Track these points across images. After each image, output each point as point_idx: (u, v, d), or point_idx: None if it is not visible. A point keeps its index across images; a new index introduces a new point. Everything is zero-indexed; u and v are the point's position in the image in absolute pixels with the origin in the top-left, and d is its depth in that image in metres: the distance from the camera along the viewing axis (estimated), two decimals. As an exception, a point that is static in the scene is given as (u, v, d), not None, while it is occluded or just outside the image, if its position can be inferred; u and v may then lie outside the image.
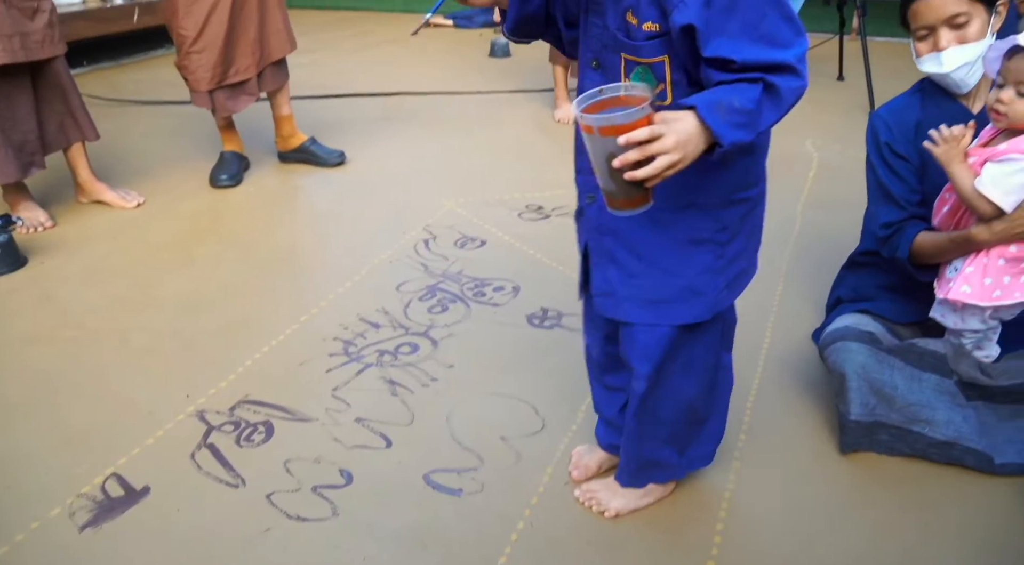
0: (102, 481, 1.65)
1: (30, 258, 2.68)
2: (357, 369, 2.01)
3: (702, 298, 1.28)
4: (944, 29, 1.71)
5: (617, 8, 1.14)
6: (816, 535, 1.50)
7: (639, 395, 1.38)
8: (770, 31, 1.07)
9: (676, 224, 1.24)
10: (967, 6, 1.68)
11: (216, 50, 3.05)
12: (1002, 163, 1.55)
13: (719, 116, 1.04)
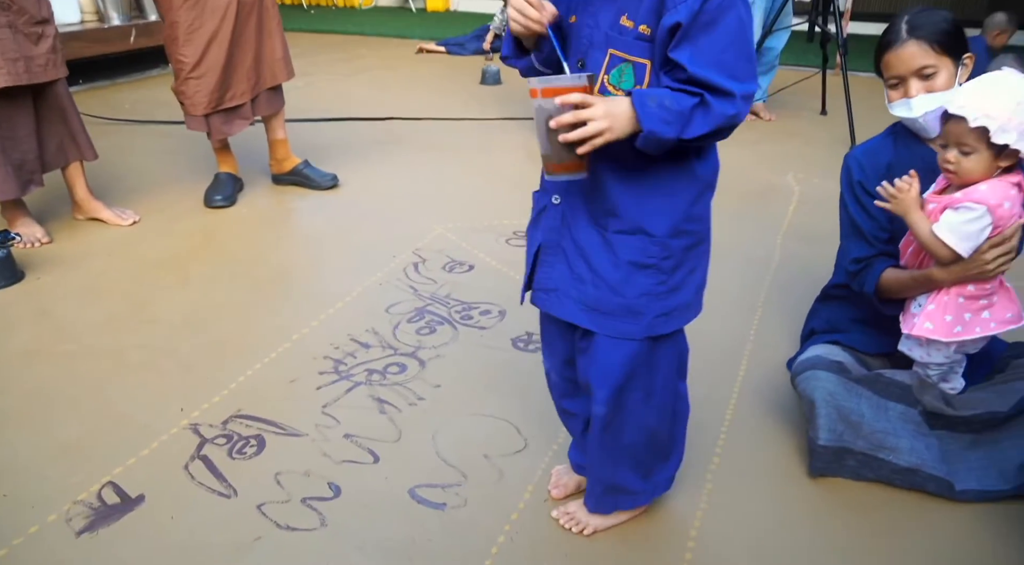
0: (98, 489, 1.71)
1: (27, 273, 2.74)
2: (346, 387, 2.08)
3: (639, 319, 1.35)
4: (914, 79, 1.82)
5: (611, 9, 1.23)
6: (782, 554, 1.57)
7: (600, 419, 1.45)
8: (728, 61, 1.17)
9: (626, 247, 1.32)
10: (935, 59, 1.79)
11: (215, 76, 3.14)
12: (959, 211, 1.65)
13: (648, 105, 1.15)
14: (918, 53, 1.80)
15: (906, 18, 1.84)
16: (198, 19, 3.10)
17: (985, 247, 1.66)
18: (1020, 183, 1.68)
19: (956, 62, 1.81)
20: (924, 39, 1.80)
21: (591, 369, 1.43)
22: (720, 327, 2.38)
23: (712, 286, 1.52)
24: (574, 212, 1.36)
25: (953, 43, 1.81)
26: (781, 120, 5.02)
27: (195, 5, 3.07)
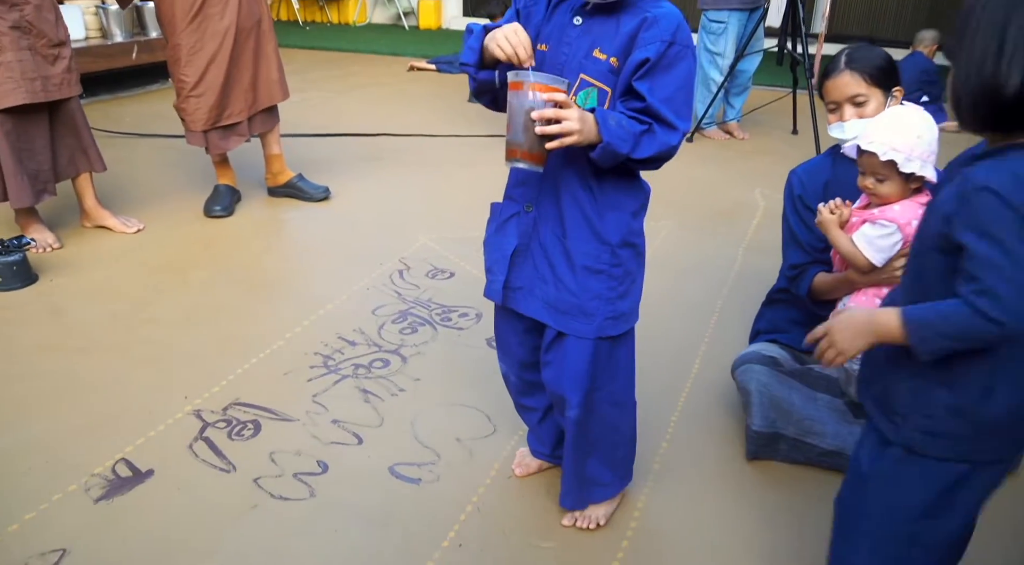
0: (112, 464, 1.93)
1: (40, 276, 2.95)
2: (335, 380, 2.30)
3: (591, 320, 1.56)
4: (848, 105, 2.07)
5: (586, 42, 1.46)
6: (719, 526, 1.79)
7: (573, 422, 1.66)
8: (676, 101, 1.42)
9: (581, 253, 1.54)
10: (867, 89, 2.04)
11: (213, 95, 3.36)
12: (875, 226, 1.89)
13: (610, 123, 1.37)
14: (852, 83, 2.05)
15: (847, 52, 2.10)
16: (199, 42, 3.32)
17: (896, 257, 1.90)
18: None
19: (886, 94, 2.06)
20: (859, 71, 2.05)
21: (563, 380, 1.62)
22: (679, 328, 2.61)
23: (674, 293, 1.76)
24: (543, 219, 1.58)
25: (884, 77, 2.06)
26: (754, 138, 5.28)
27: (196, 29, 3.30)
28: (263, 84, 3.58)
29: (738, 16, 4.98)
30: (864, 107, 2.06)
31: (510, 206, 1.64)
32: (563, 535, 1.75)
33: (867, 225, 1.92)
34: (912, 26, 8.87)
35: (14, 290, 2.84)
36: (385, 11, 10.96)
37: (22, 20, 2.92)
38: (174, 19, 3.29)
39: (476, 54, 1.49)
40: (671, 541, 1.75)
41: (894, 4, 9.00)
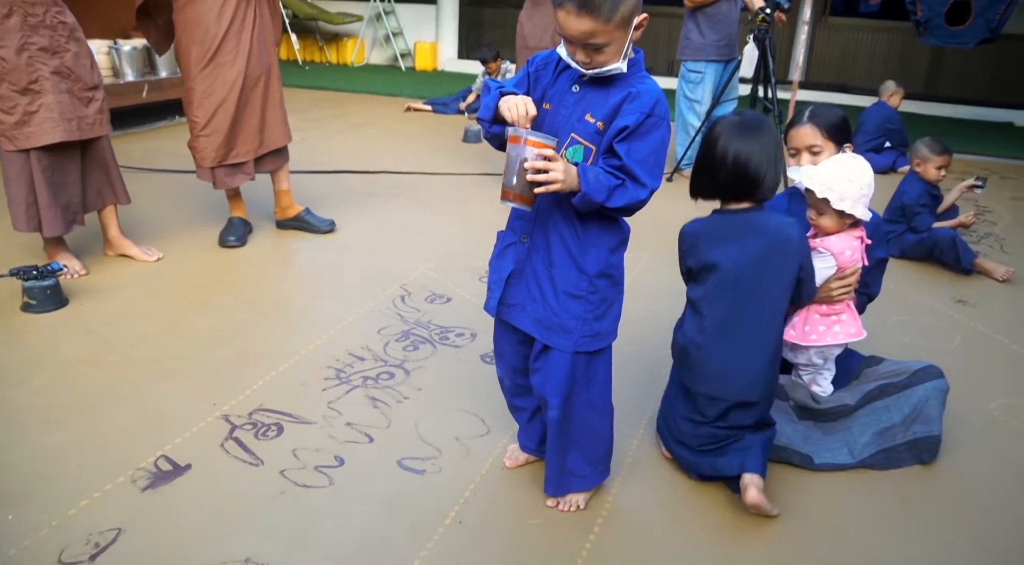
0: (154, 460, 2.20)
1: (70, 299, 3.23)
2: (347, 389, 2.59)
3: (569, 336, 1.87)
4: (805, 153, 2.43)
5: (580, 107, 1.78)
6: (683, 506, 2.09)
7: (554, 421, 1.96)
8: (648, 162, 1.73)
9: (566, 282, 1.85)
10: (822, 141, 2.40)
11: (220, 136, 3.67)
12: (815, 254, 2.22)
13: (589, 175, 1.68)
14: (811, 134, 2.42)
15: (810, 109, 2.46)
16: (210, 87, 3.64)
17: (831, 281, 2.23)
18: (862, 237, 2.27)
19: (839, 147, 2.42)
20: (818, 126, 2.41)
21: (546, 385, 1.93)
22: (652, 343, 2.91)
23: (649, 313, 2.07)
24: (535, 249, 1.89)
25: (838, 133, 2.42)
26: (730, 179, 5.62)
27: (209, 75, 3.61)
28: (270, 127, 3.88)
29: (714, 67, 5.37)
30: (819, 156, 2.42)
31: (510, 235, 1.96)
32: (548, 514, 2.04)
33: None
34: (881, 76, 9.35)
35: (48, 312, 3.11)
36: (382, 52, 11.39)
37: (62, 66, 3.23)
38: (189, 64, 3.61)
39: (491, 112, 1.80)
40: (640, 518, 2.04)
41: (865, 56, 9.47)
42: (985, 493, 2.23)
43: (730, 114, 2.08)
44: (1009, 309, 3.56)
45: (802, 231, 2.08)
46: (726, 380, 2.06)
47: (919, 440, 2.30)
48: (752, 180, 2.00)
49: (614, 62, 1.71)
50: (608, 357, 1.98)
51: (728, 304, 2.05)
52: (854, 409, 2.33)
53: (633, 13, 1.67)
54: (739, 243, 2.04)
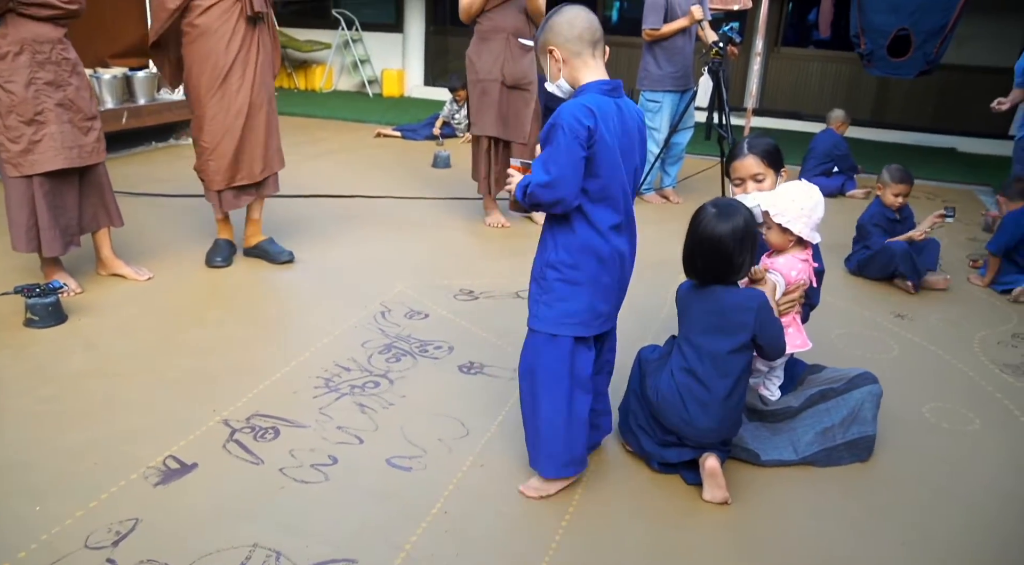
0: (162, 459, 2.41)
1: (69, 316, 3.41)
2: (336, 396, 2.82)
3: (533, 315, 2.27)
4: (750, 181, 2.72)
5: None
6: (646, 492, 2.34)
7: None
8: (543, 160, 2.11)
9: (536, 265, 2.26)
10: (764, 169, 2.69)
11: (226, 160, 3.89)
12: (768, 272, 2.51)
13: (520, 183, 2.17)
14: (754, 164, 2.71)
15: (747, 140, 2.75)
16: (218, 114, 3.85)
17: (779, 297, 2.51)
18: (808, 259, 2.56)
19: (777, 173, 2.70)
20: (758, 155, 2.70)
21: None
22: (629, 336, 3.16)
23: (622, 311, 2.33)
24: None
25: (775, 160, 2.71)
26: (688, 203, 5.95)
27: (218, 102, 3.83)
28: (271, 152, 4.11)
29: (671, 97, 5.70)
30: (762, 183, 2.71)
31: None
32: (522, 504, 2.29)
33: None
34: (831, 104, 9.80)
35: (50, 327, 3.29)
36: (350, 79, 11.63)
37: (65, 98, 3.44)
38: (199, 94, 3.83)
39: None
40: (606, 507, 2.29)
41: (815, 84, 9.91)
42: (916, 486, 2.51)
43: (708, 205, 2.32)
44: (943, 322, 3.88)
45: (759, 306, 2.31)
46: (690, 427, 2.34)
47: (856, 440, 2.58)
48: (725, 267, 2.29)
49: (553, 83, 2.24)
50: (547, 348, 2.24)
51: (693, 365, 2.33)
52: (798, 411, 2.61)
53: (544, 45, 2.20)
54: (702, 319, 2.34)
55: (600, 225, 2.16)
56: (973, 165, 8.03)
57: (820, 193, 2.56)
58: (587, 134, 2.04)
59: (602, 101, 2.11)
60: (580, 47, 2.16)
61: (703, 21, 5.56)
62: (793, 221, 2.48)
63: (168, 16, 3.71)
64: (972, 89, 9.12)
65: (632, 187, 2.24)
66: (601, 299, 2.24)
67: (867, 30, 6.98)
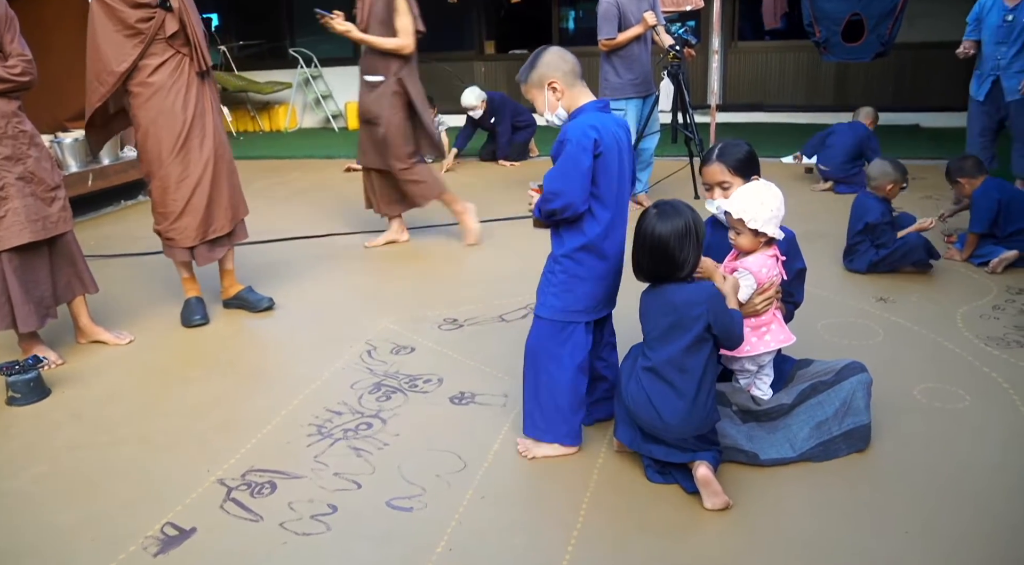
0: (160, 527, 2.38)
1: (52, 389, 3.37)
2: (330, 443, 2.80)
3: (541, 304, 2.59)
4: (716, 188, 2.73)
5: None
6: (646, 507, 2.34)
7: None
8: (552, 174, 2.45)
9: (547, 264, 2.58)
10: (730, 177, 2.72)
11: (200, 214, 3.87)
12: (738, 274, 2.51)
13: (538, 201, 2.50)
14: (719, 171, 2.74)
15: (719, 146, 2.77)
16: (186, 171, 3.83)
17: (754, 296, 2.52)
18: (776, 255, 2.57)
19: (746, 179, 2.72)
20: (725, 163, 2.72)
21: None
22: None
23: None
24: None
25: (744, 168, 2.73)
26: (662, 206, 5.96)
27: (183, 160, 3.80)
28: (236, 199, 4.09)
29: (635, 103, 5.73)
30: (728, 191, 2.73)
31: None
32: (527, 533, 2.27)
33: (738, 271, 2.54)
34: (793, 92, 9.90)
35: (33, 403, 3.26)
36: (314, 115, 11.64)
37: (25, 172, 3.42)
38: (160, 155, 3.79)
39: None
40: (612, 525, 2.28)
41: (775, 75, 10.00)
42: (914, 471, 2.51)
43: (651, 207, 2.43)
44: (924, 301, 3.91)
45: (708, 298, 2.36)
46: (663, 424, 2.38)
47: (852, 431, 2.58)
48: (668, 265, 2.37)
49: (546, 113, 2.54)
50: (552, 331, 2.56)
51: (656, 364, 2.39)
52: (791, 408, 2.61)
53: (542, 80, 2.50)
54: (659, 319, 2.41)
55: (601, 225, 2.48)
56: (937, 139, 8.10)
57: (779, 190, 2.59)
58: (594, 144, 2.37)
59: (601, 117, 2.46)
60: (574, 78, 2.51)
61: (657, 26, 5.60)
62: (765, 224, 2.50)
63: (116, 80, 3.69)
64: (928, 65, 9.24)
65: (628, 188, 2.58)
66: (602, 290, 2.57)
67: (820, 18, 7.06)
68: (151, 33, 3.65)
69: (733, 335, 2.38)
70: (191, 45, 3.77)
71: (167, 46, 3.73)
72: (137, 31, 3.64)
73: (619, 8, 5.52)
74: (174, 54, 3.75)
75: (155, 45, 3.70)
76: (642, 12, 5.55)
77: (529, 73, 2.53)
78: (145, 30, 3.64)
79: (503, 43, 11.23)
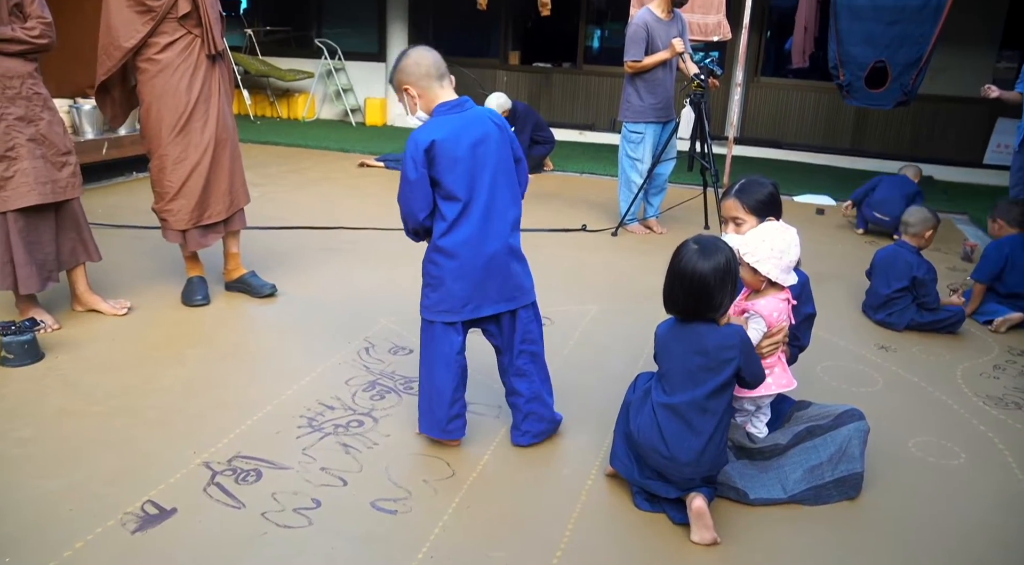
0: (140, 504, 2.36)
1: (46, 353, 3.35)
2: (319, 436, 2.78)
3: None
4: (730, 223, 2.73)
5: None
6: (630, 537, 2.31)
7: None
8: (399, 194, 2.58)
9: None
10: (744, 215, 2.74)
11: (194, 199, 3.83)
12: (748, 315, 2.51)
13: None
14: (734, 208, 2.74)
15: (742, 182, 2.77)
16: (184, 152, 3.80)
17: (762, 340, 2.50)
18: (788, 299, 2.56)
19: (761, 219, 2.71)
20: (741, 200, 2.72)
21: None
22: (601, 395, 3.15)
23: (597, 365, 2.30)
24: None
25: (762, 208, 2.74)
26: (672, 233, 5.97)
27: (182, 141, 3.78)
28: (237, 187, 4.06)
29: (654, 128, 5.73)
30: (741, 227, 2.73)
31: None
32: (510, 548, 2.25)
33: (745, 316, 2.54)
34: (811, 133, 9.91)
35: (26, 365, 3.24)
36: (333, 108, 11.63)
37: (37, 134, 3.41)
38: (160, 133, 3.77)
39: None
40: (596, 552, 2.25)
41: (795, 113, 10.02)
42: (904, 524, 2.49)
43: (691, 241, 2.35)
44: (925, 353, 3.89)
45: (740, 342, 2.33)
46: (674, 464, 2.33)
47: (845, 478, 2.56)
48: (706, 304, 2.30)
49: (408, 115, 2.63)
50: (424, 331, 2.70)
51: (677, 404, 2.33)
52: (786, 448, 2.59)
53: (398, 85, 2.58)
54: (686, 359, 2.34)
55: (446, 223, 2.54)
56: (949, 193, 8.10)
57: (796, 235, 2.57)
58: (424, 154, 2.45)
59: (445, 120, 2.51)
60: (429, 81, 2.54)
61: (684, 54, 5.60)
62: (762, 262, 2.48)
63: (123, 55, 3.66)
64: (947, 118, 9.26)
65: (500, 180, 2.57)
66: (463, 289, 2.58)
67: (845, 62, 7.07)
68: (163, 11, 3.62)
69: (759, 375, 2.38)
70: (203, 26, 3.75)
71: (178, 26, 3.70)
72: (148, 8, 3.61)
73: (648, 31, 5.52)
74: (185, 34, 3.73)
75: (166, 24, 3.67)
76: (671, 38, 5.55)
77: (392, 81, 2.61)
78: (157, 8, 3.61)
79: (528, 55, 11.24)
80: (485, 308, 2.61)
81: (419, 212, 2.53)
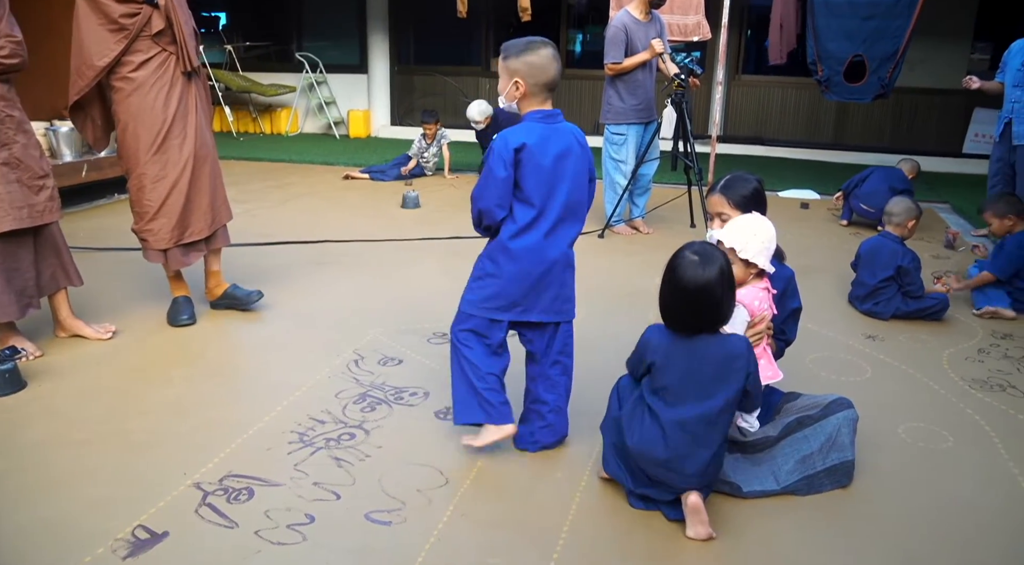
0: (131, 530, 2.32)
1: (29, 382, 3.30)
2: (311, 451, 2.75)
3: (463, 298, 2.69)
4: (716, 218, 2.74)
5: None
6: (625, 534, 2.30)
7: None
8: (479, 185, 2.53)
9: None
10: (729, 210, 2.75)
11: (175, 217, 3.79)
12: None
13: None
14: (719, 204, 2.76)
15: (727, 178, 2.78)
16: (163, 171, 3.76)
17: (745, 330, 2.50)
18: (767, 287, 2.57)
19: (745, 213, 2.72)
20: (725, 196, 2.73)
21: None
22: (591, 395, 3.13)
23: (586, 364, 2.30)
24: None
25: (747, 204, 2.74)
26: (657, 233, 5.98)
27: (160, 159, 3.73)
28: (218, 204, 4.03)
29: (636, 129, 5.74)
30: (726, 222, 2.73)
31: None
32: (506, 554, 2.23)
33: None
34: (793, 128, 9.95)
35: (6, 396, 3.18)
36: (316, 121, 11.63)
37: (11, 157, 3.36)
38: (138, 153, 3.72)
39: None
40: (593, 552, 2.24)
41: (776, 110, 10.06)
42: (896, 509, 2.50)
43: (684, 251, 2.31)
44: (911, 341, 3.91)
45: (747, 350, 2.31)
46: (678, 476, 2.31)
47: (836, 466, 2.57)
48: (713, 315, 2.29)
49: (508, 101, 2.60)
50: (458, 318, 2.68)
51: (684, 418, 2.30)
52: (777, 440, 2.59)
53: (514, 73, 2.53)
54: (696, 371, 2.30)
55: (516, 225, 2.54)
56: (931, 183, 8.14)
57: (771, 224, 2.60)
58: (513, 154, 2.45)
59: (535, 126, 2.52)
60: (539, 88, 2.55)
61: (663, 54, 5.61)
62: (757, 255, 2.50)
63: (96, 74, 3.61)
64: (926, 110, 9.33)
65: (575, 196, 2.62)
66: (513, 292, 2.59)
67: (823, 57, 7.11)
68: (136, 29, 3.58)
69: (760, 386, 2.37)
70: (177, 43, 3.71)
71: (153, 43, 3.66)
72: (121, 27, 3.56)
73: (627, 33, 5.54)
74: (159, 51, 3.69)
75: (140, 42, 3.63)
76: (649, 39, 5.57)
77: (511, 58, 2.54)
78: (129, 26, 3.57)
79: (508, 61, 11.25)
80: (533, 314, 2.64)
81: (499, 210, 2.53)
